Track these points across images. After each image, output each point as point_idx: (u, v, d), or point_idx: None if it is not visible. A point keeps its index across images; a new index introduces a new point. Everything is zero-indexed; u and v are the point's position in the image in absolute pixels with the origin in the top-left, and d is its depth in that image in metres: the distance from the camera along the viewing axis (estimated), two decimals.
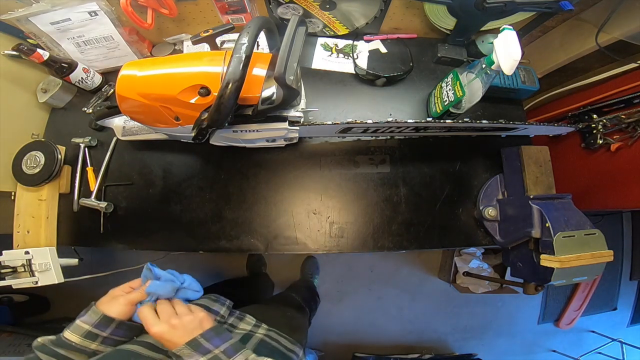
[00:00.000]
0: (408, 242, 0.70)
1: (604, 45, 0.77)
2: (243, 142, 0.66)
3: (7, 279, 0.62)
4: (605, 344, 1.77)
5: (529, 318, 1.79)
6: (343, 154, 0.74)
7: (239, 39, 0.45)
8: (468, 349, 1.75)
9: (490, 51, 0.55)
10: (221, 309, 0.56)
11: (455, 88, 0.64)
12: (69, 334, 0.44)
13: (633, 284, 1.83)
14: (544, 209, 0.58)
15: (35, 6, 0.62)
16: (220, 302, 0.57)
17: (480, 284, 1.54)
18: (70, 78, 0.73)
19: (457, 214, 0.72)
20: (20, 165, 0.69)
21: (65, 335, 0.44)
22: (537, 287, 0.63)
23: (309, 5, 0.71)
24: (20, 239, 0.69)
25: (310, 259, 1.61)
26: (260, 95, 0.53)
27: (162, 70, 0.53)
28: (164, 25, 0.77)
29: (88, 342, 0.44)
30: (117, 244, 0.71)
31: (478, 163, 0.76)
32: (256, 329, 0.56)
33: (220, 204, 0.71)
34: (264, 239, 0.69)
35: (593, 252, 0.55)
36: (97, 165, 0.74)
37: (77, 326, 0.45)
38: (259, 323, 0.58)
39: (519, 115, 0.81)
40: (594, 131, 0.89)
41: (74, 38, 0.70)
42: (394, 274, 1.71)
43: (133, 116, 0.60)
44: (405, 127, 0.63)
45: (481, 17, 0.69)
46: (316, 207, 0.71)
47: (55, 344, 0.44)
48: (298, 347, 0.58)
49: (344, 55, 0.82)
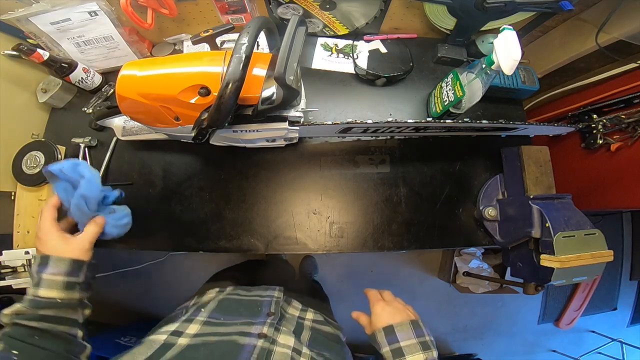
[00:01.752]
0: (408, 242, 0.70)
1: (604, 45, 0.77)
2: (243, 142, 0.66)
3: (7, 279, 0.62)
4: (605, 344, 1.78)
5: (529, 318, 1.79)
6: (343, 154, 0.74)
7: (239, 39, 0.45)
8: (468, 349, 1.75)
9: (490, 51, 0.55)
10: (274, 293, 0.55)
11: (455, 88, 0.64)
12: (46, 292, 0.41)
13: (633, 284, 1.83)
14: (544, 209, 0.58)
15: (35, 6, 0.62)
16: (271, 289, 0.57)
17: (480, 284, 1.54)
18: (70, 78, 0.73)
19: (457, 214, 0.72)
20: (20, 165, 0.69)
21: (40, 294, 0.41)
22: (537, 287, 0.62)
23: (309, 5, 0.71)
24: (20, 239, 0.69)
25: (309, 258, 1.61)
26: (260, 95, 0.53)
27: (162, 70, 0.53)
28: (164, 25, 0.77)
29: (70, 293, 0.43)
30: (117, 244, 0.70)
31: (478, 163, 0.76)
32: (304, 314, 0.56)
33: (220, 204, 0.71)
34: (264, 239, 0.69)
35: (593, 252, 0.55)
36: (97, 165, 0.73)
37: (50, 281, 0.42)
38: (305, 308, 0.58)
39: (519, 115, 0.81)
40: (594, 131, 0.89)
41: (74, 38, 0.70)
42: (394, 274, 1.71)
43: (133, 116, 0.60)
44: (405, 127, 0.63)
45: (481, 17, 0.69)
46: (316, 207, 0.71)
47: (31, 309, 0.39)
48: (340, 331, 0.58)
49: (344, 55, 0.82)
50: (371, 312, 0.51)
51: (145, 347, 0.37)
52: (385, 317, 0.48)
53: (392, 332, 0.46)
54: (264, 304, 0.50)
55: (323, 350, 0.46)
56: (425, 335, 0.46)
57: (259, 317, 0.46)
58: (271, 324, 0.44)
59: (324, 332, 0.53)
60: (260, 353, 0.37)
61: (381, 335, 0.46)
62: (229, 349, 0.37)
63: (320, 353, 0.43)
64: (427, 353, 0.43)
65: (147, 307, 1.65)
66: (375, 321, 0.49)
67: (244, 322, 0.44)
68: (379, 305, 0.51)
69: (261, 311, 0.48)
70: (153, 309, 1.64)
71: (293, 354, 0.39)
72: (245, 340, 0.39)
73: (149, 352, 0.36)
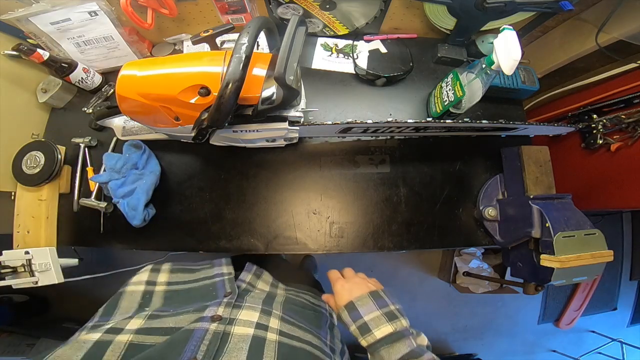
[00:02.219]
0: (408, 242, 0.70)
1: (604, 45, 0.77)
2: (243, 142, 0.66)
3: (7, 279, 0.62)
4: (605, 344, 1.78)
5: (529, 318, 1.79)
6: (343, 154, 0.74)
7: (239, 39, 0.45)
8: (468, 349, 1.75)
9: (490, 51, 0.55)
10: (221, 269, 0.51)
11: (455, 88, 0.64)
12: None
13: (633, 284, 1.83)
14: (544, 209, 0.58)
15: (35, 6, 0.62)
16: (217, 264, 0.53)
17: (480, 284, 1.54)
18: (70, 78, 0.73)
19: (457, 214, 0.72)
20: (20, 165, 0.69)
21: None
22: (537, 287, 0.62)
23: (309, 5, 0.71)
24: (20, 239, 0.69)
25: (308, 257, 1.61)
26: (260, 95, 0.53)
27: (162, 70, 0.53)
28: (164, 25, 0.77)
29: None
30: (117, 244, 0.71)
31: (478, 163, 0.76)
32: (274, 289, 0.52)
33: (220, 204, 0.71)
34: (264, 239, 0.69)
35: (593, 252, 0.55)
36: (97, 165, 0.74)
37: None
38: (276, 282, 0.55)
39: (519, 115, 0.81)
40: (594, 131, 0.89)
41: (74, 38, 0.70)
42: (394, 274, 1.71)
43: (133, 116, 0.60)
44: (405, 127, 0.63)
45: (481, 17, 0.69)
46: (316, 207, 0.71)
47: None
48: (323, 303, 0.54)
49: (344, 55, 0.82)
50: (333, 292, 0.48)
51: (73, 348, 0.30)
52: (345, 295, 0.45)
53: (353, 308, 0.43)
54: (217, 285, 0.46)
55: (299, 320, 0.42)
56: (389, 305, 0.43)
57: (215, 300, 0.41)
58: (228, 303, 0.39)
59: (300, 301, 0.50)
60: (214, 337, 0.32)
61: (345, 314, 0.43)
62: (176, 338, 0.32)
63: (294, 323, 0.40)
64: (395, 323, 0.40)
65: None
66: (337, 300, 0.46)
67: (196, 309, 0.38)
68: (339, 283, 0.48)
69: (217, 294, 0.43)
70: None
71: (257, 332, 0.34)
72: (194, 326, 0.33)
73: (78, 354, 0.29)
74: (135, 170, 0.67)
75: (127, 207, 0.64)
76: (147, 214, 0.66)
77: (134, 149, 0.68)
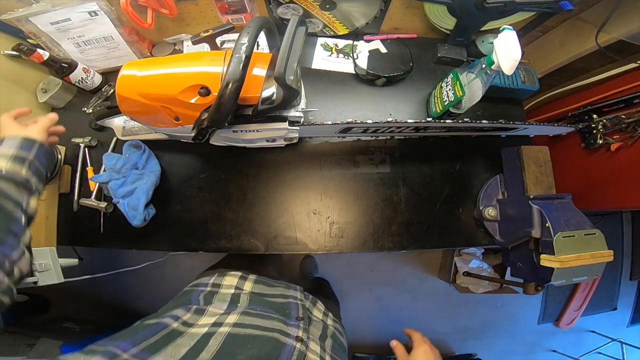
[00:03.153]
0: (408, 242, 0.70)
1: (604, 45, 0.77)
2: (243, 142, 0.66)
3: None
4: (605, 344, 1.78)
5: (529, 318, 1.79)
6: (343, 154, 0.74)
7: (239, 39, 0.45)
8: (468, 349, 1.75)
9: (490, 51, 0.55)
10: (296, 294, 0.56)
11: (455, 88, 0.64)
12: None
13: (633, 284, 1.83)
14: (544, 209, 0.58)
15: (35, 6, 0.62)
16: (292, 288, 0.58)
17: (480, 284, 1.54)
18: (70, 78, 0.73)
19: (457, 214, 0.72)
20: None
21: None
22: (537, 287, 0.62)
23: (309, 5, 0.71)
24: None
25: (309, 258, 1.61)
26: (260, 95, 0.53)
27: (162, 70, 0.53)
28: (164, 25, 0.77)
29: (18, 166, 0.45)
30: (117, 244, 0.71)
31: (478, 163, 0.76)
32: (326, 319, 0.57)
33: (220, 204, 0.71)
34: (264, 239, 0.69)
35: (593, 252, 0.55)
36: (97, 165, 0.74)
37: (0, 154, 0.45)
38: (327, 312, 0.59)
39: (519, 115, 0.81)
40: (594, 131, 0.89)
41: (74, 38, 0.70)
42: (394, 274, 1.71)
43: (133, 116, 0.60)
44: (405, 127, 0.63)
45: (481, 17, 0.69)
46: (316, 207, 0.71)
47: None
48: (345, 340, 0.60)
49: (344, 55, 0.82)
50: (413, 349, 0.53)
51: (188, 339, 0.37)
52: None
53: None
54: (291, 306, 0.50)
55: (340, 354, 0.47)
56: None
57: (290, 319, 0.46)
58: (304, 329, 0.44)
59: (340, 342, 0.54)
60: (299, 356, 0.38)
61: None
62: (273, 345, 0.38)
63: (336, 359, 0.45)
64: None
65: (147, 307, 1.65)
66: None
67: (280, 319, 0.44)
68: (422, 347, 0.52)
69: (290, 314, 0.48)
70: (153, 309, 1.63)
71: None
72: (286, 340, 0.39)
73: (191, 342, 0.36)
74: (135, 170, 0.67)
75: (127, 207, 0.63)
76: (147, 214, 0.66)
77: (134, 149, 0.68)
